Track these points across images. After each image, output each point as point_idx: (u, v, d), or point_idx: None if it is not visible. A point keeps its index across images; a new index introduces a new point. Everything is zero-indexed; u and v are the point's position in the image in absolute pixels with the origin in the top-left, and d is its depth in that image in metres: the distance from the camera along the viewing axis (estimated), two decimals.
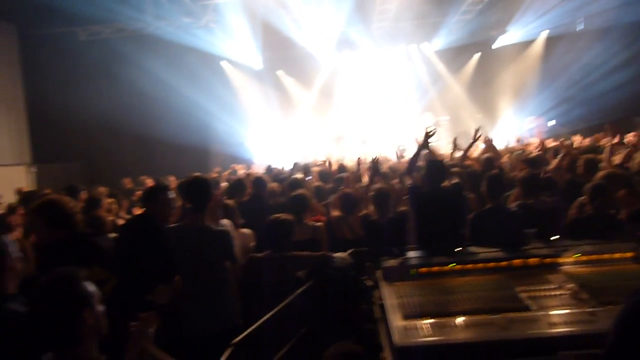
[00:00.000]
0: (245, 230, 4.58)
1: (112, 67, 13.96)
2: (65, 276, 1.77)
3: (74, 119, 13.71)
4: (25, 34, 13.93)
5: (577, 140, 9.44)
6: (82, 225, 3.22)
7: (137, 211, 5.68)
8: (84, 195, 6.55)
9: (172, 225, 3.81)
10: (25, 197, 7.19)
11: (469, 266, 3.26)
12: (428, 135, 4.82)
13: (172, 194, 3.89)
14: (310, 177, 7.64)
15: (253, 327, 2.75)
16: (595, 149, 7.37)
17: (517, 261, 3.24)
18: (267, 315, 2.84)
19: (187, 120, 13.87)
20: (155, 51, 13.84)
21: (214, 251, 3.57)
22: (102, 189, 8.20)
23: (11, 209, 6.46)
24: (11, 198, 7.91)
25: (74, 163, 14.44)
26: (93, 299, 1.76)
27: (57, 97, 13.58)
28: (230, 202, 4.85)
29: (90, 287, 1.77)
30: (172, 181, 9.28)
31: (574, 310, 2.52)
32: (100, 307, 1.78)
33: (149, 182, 9.40)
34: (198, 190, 3.71)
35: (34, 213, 3.08)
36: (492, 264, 3.25)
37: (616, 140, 6.25)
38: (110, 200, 6.78)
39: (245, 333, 2.68)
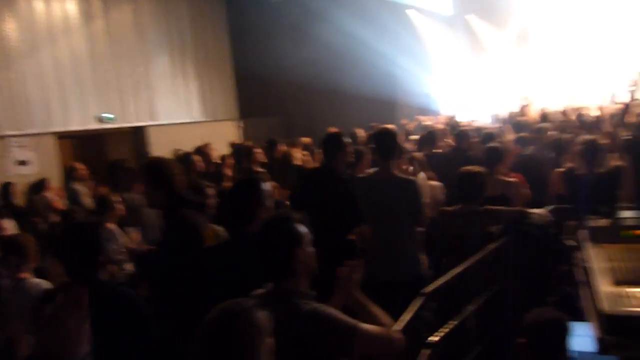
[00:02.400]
0: (435, 183, 4.54)
1: (304, 25, 14.67)
2: (282, 218, 2.01)
3: (273, 76, 14.86)
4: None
5: None
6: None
7: None
8: (282, 147, 7.12)
9: (362, 175, 3.96)
10: (236, 150, 8.10)
11: None
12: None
13: (347, 141, 4.04)
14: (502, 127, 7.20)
15: (444, 279, 2.75)
16: None
17: None
18: (459, 269, 2.81)
19: (374, 72, 13.99)
20: (343, 5, 14.11)
21: (401, 199, 3.59)
22: (305, 140, 8.54)
23: (223, 160, 7.34)
24: (224, 150, 8.94)
25: (274, 117, 15.75)
26: (304, 239, 1.95)
27: (258, 57, 14.83)
28: (418, 154, 4.84)
29: (302, 228, 1.96)
30: (360, 132, 9.54)
31: None
32: (311, 248, 1.96)
33: None
34: (384, 140, 3.75)
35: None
36: None
37: None
38: (305, 152, 7.23)
39: (437, 284, 2.69)
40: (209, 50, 14.34)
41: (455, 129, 7.37)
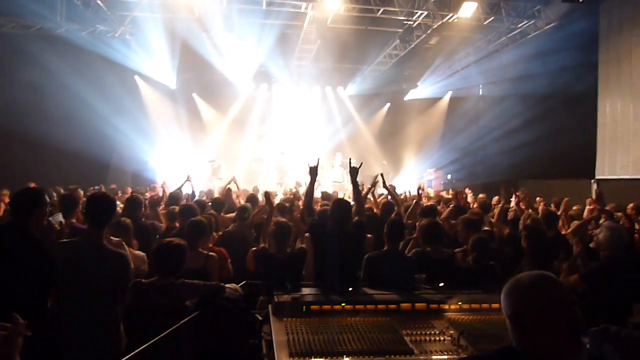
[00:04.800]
0: (138, 252, 4.34)
1: (10, 64, 12.88)
2: None
3: None
4: None
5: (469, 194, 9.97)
6: None
7: None
8: None
9: (65, 240, 3.53)
10: None
11: (359, 307, 3.30)
12: (313, 171, 4.80)
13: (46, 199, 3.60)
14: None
15: (129, 355, 2.58)
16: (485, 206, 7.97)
17: (405, 305, 3.34)
18: (144, 345, 2.67)
19: (89, 130, 13.03)
20: (62, 54, 12.99)
21: (107, 273, 3.32)
22: None
23: None
24: None
25: None
26: None
27: None
28: (127, 221, 4.59)
29: None
30: (60, 191, 8.65)
31: (452, 356, 2.63)
32: None
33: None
34: (100, 206, 3.46)
35: None
36: (381, 306, 3.32)
37: (514, 201, 6.81)
38: None
39: None
40: None
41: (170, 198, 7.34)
